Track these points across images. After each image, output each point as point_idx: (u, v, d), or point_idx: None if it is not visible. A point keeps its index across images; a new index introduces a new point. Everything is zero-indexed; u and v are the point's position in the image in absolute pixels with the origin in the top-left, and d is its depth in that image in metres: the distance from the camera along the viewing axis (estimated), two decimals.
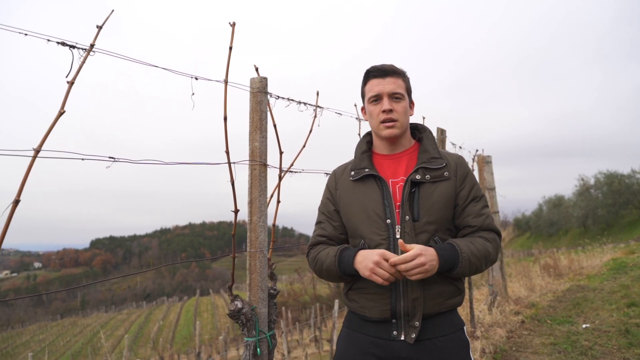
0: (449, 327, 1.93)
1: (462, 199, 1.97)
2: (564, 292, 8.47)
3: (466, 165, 2.04)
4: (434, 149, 2.02)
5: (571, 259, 12.81)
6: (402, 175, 1.99)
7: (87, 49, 1.67)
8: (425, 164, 1.95)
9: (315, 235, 2.14)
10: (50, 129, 1.56)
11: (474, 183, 2.02)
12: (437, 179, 1.94)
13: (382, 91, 1.96)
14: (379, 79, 1.98)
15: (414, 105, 2.11)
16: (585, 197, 55.34)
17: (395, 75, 1.98)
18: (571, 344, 5.18)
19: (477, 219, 1.95)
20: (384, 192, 1.95)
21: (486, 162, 7.42)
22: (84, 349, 38.34)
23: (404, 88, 1.99)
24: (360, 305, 1.98)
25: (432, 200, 1.91)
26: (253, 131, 2.33)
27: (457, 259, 1.82)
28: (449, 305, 1.93)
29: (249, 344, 2.21)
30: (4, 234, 1.48)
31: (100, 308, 77.57)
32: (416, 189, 1.93)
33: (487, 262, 1.91)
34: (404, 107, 1.98)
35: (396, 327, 1.89)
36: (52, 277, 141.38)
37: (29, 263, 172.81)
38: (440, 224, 1.92)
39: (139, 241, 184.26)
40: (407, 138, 2.08)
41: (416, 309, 1.86)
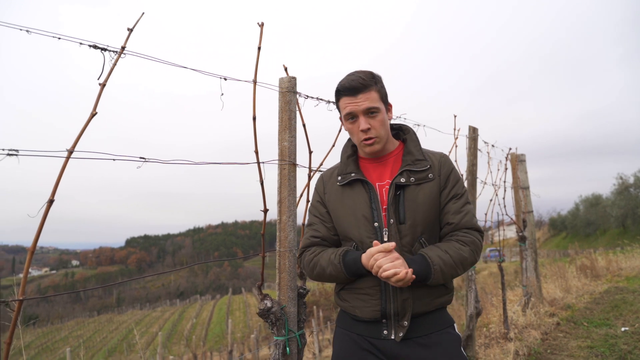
0: (437, 325, 1.96)
1: (444, 197, 1.98)
2: (601, 294, 8.26)
3: (450, 164, 2.05)
4: (417, 151, 2.03)
5: (609, 259, 12.47)
6: (387, 179, 2.00)
7: (119, 51, 1.70)
8: (410, 166, 1.97)
9: (308, 236, 2.14)
10: (82, 130, 1.59)
11: (457, 181, 2.03)
12: (421, 181, 1.96)
13: (355, 110, 1.94)
14: (350, 97, 1.95)
15: (391, 108, 2.10)
16: (624, 196, 53.80)
17: (367, 90, 1.93)
18: (609, 348, 5.05)
19: (455, 216, 1.96)
20: (371, 195, 1.97)
21: (520, 161, 7.28)
22: (119, 345, 39.19)
23: (377, 99, 1.96)
24: (352, 305, 2.01)
25: (417, 203, 1.93)
26: (282, 131, 2.34)
27: (429, 271, 1.83)
28: (437, 304, 1.96)
29: (278, 343, 2.22)
30: (39, 232, 1.52)
31: (135, 305, 79.14)
32: (401, 191, 1.95)
33: (464, 266, 1.91)
34: (381, 120, 1.97)
35: (386, 326, 1.93)
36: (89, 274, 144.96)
37: (67, 261, 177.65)
38: (426, 226, 1.94)
39: (173, 240, 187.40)
40: (390, 142, 2.07)
41: (406, 309, 1.89)
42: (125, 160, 1.72)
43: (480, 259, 2.05)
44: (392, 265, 1.76)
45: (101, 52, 1.64)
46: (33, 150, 1.48)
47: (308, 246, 2.13)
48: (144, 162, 1.76)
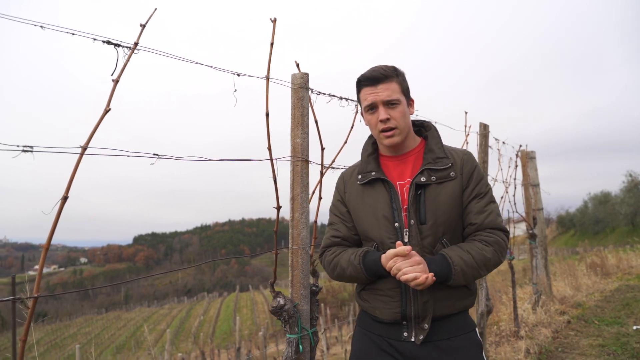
0: (459, 329, 1.92)
1: (466, 195, 1.93)
2: (612, 292, 8.21)
3: (473, 161, 1.99)
4: (439, 148, 1.98)
5: (619, 257, 12.40)
6: (408, 177, 1.96)
7: (132, 47, 1.69)
8: (431, 164, 1.92)
9: (328, 236, 2.13)
10: (96, 126, 1.58)
11: (480, 179, 1.97)
12: (443, 180, 1.91)
13: (375, 100, 1.91)
14: (371, 88, 1.92)
15: (413, 103, 2.05)
16: (633, 194, 53.44)
17: (388, 81, 1.91)
18: (621, 346, 5.01)
19: (478, 216, 1.91)
20: (392, 195, 1.93)
21: (530, 158, 7.24)
22: (127, 342, 39.39)
23: (399, 91, 1.93)
24: (372, 306, 1.99)
25: (438, 202, 1.88)
26: (295, 127, 2.32)
27: (450, 272, 1.80)
28: (459, 307, 1.92)
29: (291, 340, 2.21)
30: (53, 229, 1.51)
31: (142, 302, 79.51)
32: (422, 191, 1.90)
33: (487, 267, 1.87)
34: (402, 112, 1.93)
35: (407, 328, 1.90)
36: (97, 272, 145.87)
37: (76, 258, 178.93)
38: (448, 226, 1.90)
39: (180, 237, 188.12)
40: (411, 138, 2.04)
41: (426, 312, 1.86)
42: (139, 156, 1.71)
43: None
44: (412, 269, 1.72)
45: (115, 47, 1.63)
46: (47, 147, 1.47)
47: (329, 246, 2.11)
48: (158, 158, 1.75)
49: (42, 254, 1.51)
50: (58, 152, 1.49)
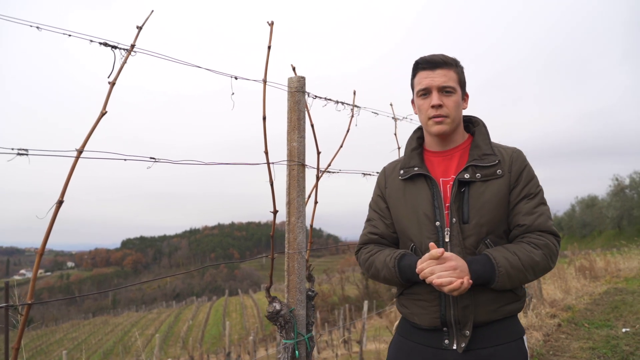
0: (504, 336, 1.79)
1: (514, 195, 1.82)
2: (601, 295, 8.27)
3: (523, 159, 1.88)
4: (486, 145, 1.88)
5: (607, 260, 12.51)
6: (452, 174, 1.86)
7: (128, 49, 1.67)
8: (476, 161, 1.82)
9: (365, 232, 2.05)
10: (92, 129, 1.56)
11: (531, 178, 1.85)
12: (488, 178, 1.80)
13: (430, 84, 1.83)
14: (428, 72, 1.85)
15: (468, 98, 1.97)
16: (620, 198, 54.07)
17: (446, 67, 1.84)
18: (611, 349, 5.04)
19: (527, 217, 1.78)
20: (434, 192, 1.84)
21: None
22: (115, 347, 39.02)
23: (455, 80, 1.85)
24: (411, 312, 1.89)
25: (482, 201, 1.78)
26: (291, 131, 2.30)
27: (493, 274, 1.69)
28: (504, 313, 1.79)
29: (287, 346, 2.19)
30: (47, 234, 1.49)
31: (130, 307, 78.85)
32: (466, 188, 1.80)
33: (535, 272, 1.74)
34: (455, 102, 1.84)
35: (448, 335, 1.79)
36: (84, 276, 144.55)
37: (63, 262, 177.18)
38: (492, 226, 1.79)
39: (169, 241, 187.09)
40: (459, 133, 1.94)
41: (467, 317, 1.75)
42: (136, 160, 1.69)
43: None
44: (446, 274, 1.63)
45: (111, 49, 1.61)
46: (42, 150, 1.45)
47: (365, 243, 2.04)
48: (155, 162, 1.73)
49: (36, 259, 1.48)
50: (54, 155, 1.46)
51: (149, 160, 1.71)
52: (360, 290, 33.31)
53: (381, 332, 13.19)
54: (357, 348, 12.53)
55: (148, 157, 1.71)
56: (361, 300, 23.37)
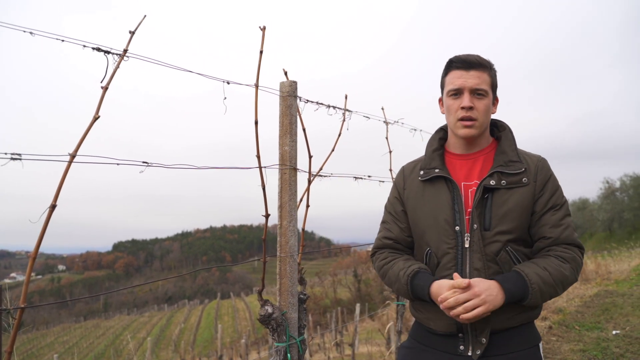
0: (520, 344, 1.77)
1: (540, 206, 1.79)
2: (591, 297, 8.33)
3: (548, 169, 1.86)
4: (512, 151, 1.84)
5: (598, 263, 12.60)
6: (475, 179, 1.83)
7: (121, 54, 1.68)
8: (502, 167, 1.79)
9: (380, 237, 2.03)
10: (85, 134, 1.57)
11: (556, 189, 1.83)
12: (513, 185, 1.77)
13: (463, 85, 1.79)
14: (461, 71, 1.80)
15: (497, 102, 1.94)
16: (610, 201, 54.48)
17: (481, 69, 1.80)
18: (601, 351, 5.08)
19: (554, 230, 1.76)
20: (455, 196, 1.81)
21: None
22: (107, 351, 38.82)
23: (488, 84, 1.82)
24: (426, 317, 1.87)
25: (506, 208, 1.75)
26: (283, 135, 2.32)
27: (527, 291, 1.66)
28: (521, 320, 1.77)
29: (279, 349, 2.20)
30: (40, 238, 1.50)
31: (122, 310, 78.51)
32: (489, 195, 1.77)
33: (564, 286, 1.73)
34: (486, 105, 1.81)
35: (463, 341, 1.77)
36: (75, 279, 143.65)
37: (54, 265, 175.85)
38: (514, 235, 1.76)
39: (161, 244, 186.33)
40: (484, 137, 1.91)
41: (484, 324, 1.72)
42: (129, 164, 1.70)
43: None
44: (471, 304, 1.61)
45: (104, 54, 1.62)
46: (35, 155, 1.46)
47: (380, 247, 2.02)
48: (147, 166, 1.74)
49: (29, 263, 1.49)
50: (47, 159, 1.47)
51: (141, 165, 1.73)
52: (352, 293, 33.35)
53: (373, 335, 13.21)
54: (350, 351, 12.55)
55: (141, 161, 1.72)
56: (353, 303, 23.40)
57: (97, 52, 1.61)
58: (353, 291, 33.14)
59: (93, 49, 1.61)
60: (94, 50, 1.61)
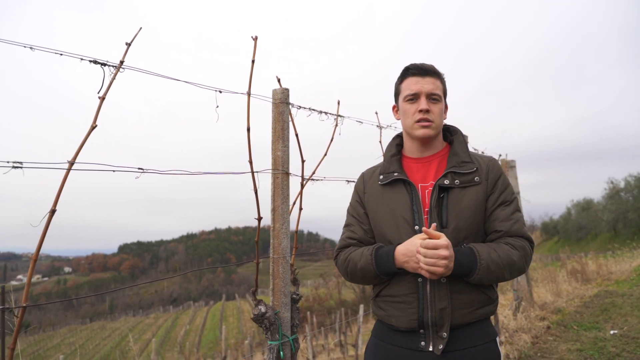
0: (479, 338, 1.85)
1: (491, 203, 1.89)
2: (591, 298, 8.35)
3: (499, 168, 1.96)
4: (464, 152, 1.96)
5: (599, 263, 12.58)
6: (431, 180, 1.92)
7: (117, 65, 1.76)
8: (455, 168, 1.89)
9: (344, 237, 2.09)
10: (83, 142, 1.65)
11: (506, 186, 1.93)
12: (466, 184, 1.88)
13: (420, 90, 1.90)
14: (417, 78, 1.92)
15: (447, 109, 2.05)
16: (615, 201, 54.23)
17: (435, 76, 1.94)
18: (598, 351, 5.12)
19: (504, 224, 1.86)
20: (413, 197, 1.89)
21: (510, 167, 7.37)
22: (112, 353, 38.93)
23: (441, 90, 1.95)
24: (388, 314, 1.92)
25: (460, 206, 1.85)
26: (275, 141, 2.40)
27: (475, 265, 1.75)
28: (479, 315, 1.86)
29: (272, 347, 2.28)
30: (41, 242, 1.58)
31: (128, 312, 78.58)
32: (445, 194, 1.87)
33: (512, 271, 1.81)
34: (440, 109, 1.94)
35: (424, 337, 1.83)
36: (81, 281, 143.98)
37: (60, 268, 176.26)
38: (469, 231, 1.85)
39: (166, 246, 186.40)
40: (438, 141, 2.02)
41: (444, 319, 1.80)
42: (125, 171, 1.78)
43: None
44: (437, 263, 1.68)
45: (101, 67, 1.70)
46: (36, 163, 1.54)
47: (343, 247, 2.08)
48: (142, 172, 1.82)
49: (30, 265, 1.57)
50: (47, 167, 1.55)
51: (137, 171, 1.81)
52: (356, 294, 33.32)
53: None
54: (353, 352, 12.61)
55: (136, 167, 1.80)
56: (358, 304, 23.41)
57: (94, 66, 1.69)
58: (357, 292, 33.12)
59: (90, 61, 1.69)
60: (92, 63, 1.69)
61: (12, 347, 1.56)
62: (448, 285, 1.81)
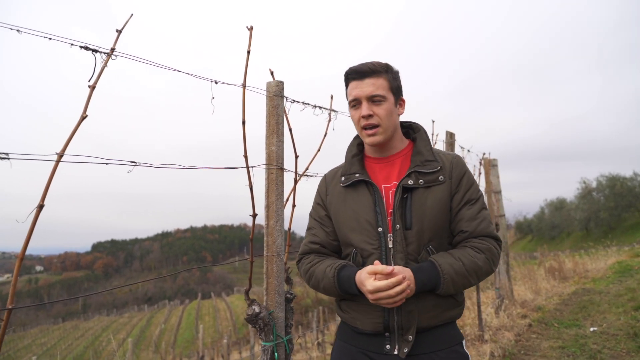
0: (445, 342, 1.81)
1: (456, 202, 1.84)
2: (569, 295, 8.45)
3: (463, 165, 1.90)
4: (427, 151, 1.88)
5: (576, 262, 12.77)
6: (394, 180, 1.86)
7: (109, 52, 1.67)
8: (419, 167, 1.83)
9: (306, 242, 2.03)
10: (73, 133, 1.55)
11: (471, 184, 1.88)
12: (431, 184, 1.81)
13: (359, 95, 1.82)
14: (357, 82, 1.84)
15: (404, 103, 1.95)
16: (587, 200, 55.38)
17: (375, 75, 1.82)
18: (580, 348, 5.16)
19: (470, 224, 1.81)
20: (376, 198, 1.83)
21: (492, 166, 7.41)
22: (86, 352, 38.34)
23: (386, 88, 1.83)
24: (352, 317, 1.87)
25: (425, 207, 1.79)
26: (270, 135, 2.32)
27: (439, 280, 1.71)
28: (445, 318, 1.81)
29: (266, 348, 2.20)
30: (28, 238, 1.48)
31: (101, 311, 77.61)
32: (409, 194, 1.80)
33: (478, 276, 1.77)
34: (387, 109, 1.83)
35: (389, 340, 1.79)
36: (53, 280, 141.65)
37: (31, 266, 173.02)
38: (434, 232, 1.80)
39: (141, 244, 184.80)
40: (397, 140, 1.94)
41: (410, 322, 1.75)
42: (117, 164, 1.69)
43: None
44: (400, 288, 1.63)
45: (92, 53, 1.61)
46: (23, 154, 1.45)
47: (306, 253, 2.02)
48: (135, 166, 1.73)
49: (16, 263, 1.48)
50: (34, 159, 1.46)
51: (129, 165, 1.72)
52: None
53: None
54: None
55: (129, 161, 1.71)
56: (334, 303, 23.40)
57: (85, 51, 1.59)
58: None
59: (81, 47, 1.59)
60: (82, 49, 1.60)
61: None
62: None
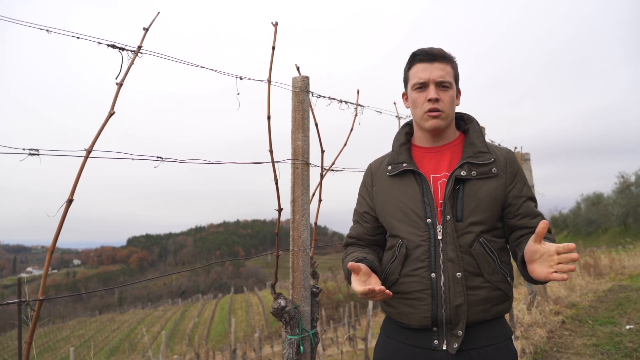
0: (495, 337, 1.76)
1: (515, 198, 1.79)
2: (605, 292, 8.26)
3: (516, 161, 1.84)
4: (481, 142, 1.83)
5: (612, 258, 12.47)
6: (444, 171, 1.81)
7: (135, 50, 1.70)
8: (472, 158, 1.77)
9: (347, 235, 2.04)
10: (101, 129, 1.59)
11: (526, 181, 1.84)
12: (484, 176, 1.76)
13: (428, 78, 1.77)
14: (425, 64, 1.78)
15: (460, 95, 1.91)
16: (625, 195, 53.85)
17: (444, 61, 1.79)
18: (614, 346, 5.05)
19: (534, 221, 1.77)
20: (424, 189, 1.78)
21: (524, 160, 7.27)
22: (121, 345, 39.23)
23: (452, 75, 1.81)
24: (398, 312, 1.82)
25: (478, 199, 1.74)
26: (295, 130, 2.33)
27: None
28: (495, 313, 1.76)
29: (292, 342, 2.22)
30: (58, 232, 1.53)
31: (136, 305, 79.14)
32: (460, 186, 1.75)
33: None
34: (451, 97, 1.79)
35: (437, 335, 1.74)
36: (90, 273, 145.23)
37: (69, 260, 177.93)
38: (487, 225, 1.75)
39: (175, 239, 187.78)
40: (451, 130, 1.88)
41: (459, 317, 1.70)
42: (144, 159, 1.72)
43: None
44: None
45: (119, 51, 1.65)
46: (53, 150, 1.49)
47: (345, 245, 2.02)
48: (162, 161, 1.76)
49: (47, 256, 1.52)
50: (63, 155, 1.50)
51: (156, 160, 1.75)
52: None
53: None
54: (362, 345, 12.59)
55: (155, 156, 1.75)
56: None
57: (111, 50, 1.63)
58: None
59: (108, 45, 1.63)
60: (109, 47, 1.63)
61: (29, 341, 1.51)
62: (464, 281, 1.71)
